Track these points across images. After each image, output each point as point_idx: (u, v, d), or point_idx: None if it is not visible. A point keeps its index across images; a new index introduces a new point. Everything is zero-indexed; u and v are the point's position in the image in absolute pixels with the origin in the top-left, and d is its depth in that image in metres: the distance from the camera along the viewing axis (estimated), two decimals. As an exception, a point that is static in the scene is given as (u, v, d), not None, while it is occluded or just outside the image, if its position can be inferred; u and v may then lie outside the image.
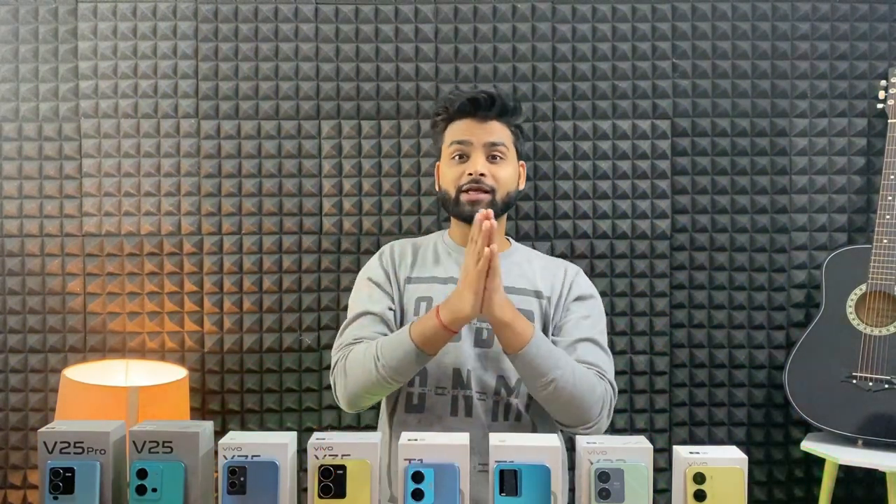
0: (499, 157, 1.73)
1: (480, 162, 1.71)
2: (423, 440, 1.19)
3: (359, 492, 1.17)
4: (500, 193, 1.72)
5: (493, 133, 1.73)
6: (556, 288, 1.76)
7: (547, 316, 1.73)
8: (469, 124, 1.73)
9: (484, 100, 1.72)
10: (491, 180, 1.71)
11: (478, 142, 1.72)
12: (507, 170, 1.74)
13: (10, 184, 2.50)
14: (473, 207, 1.68)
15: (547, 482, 1.16)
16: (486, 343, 1.70)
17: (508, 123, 1.76)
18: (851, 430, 2.25)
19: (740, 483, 1.16)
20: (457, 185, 1.72)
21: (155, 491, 1.17)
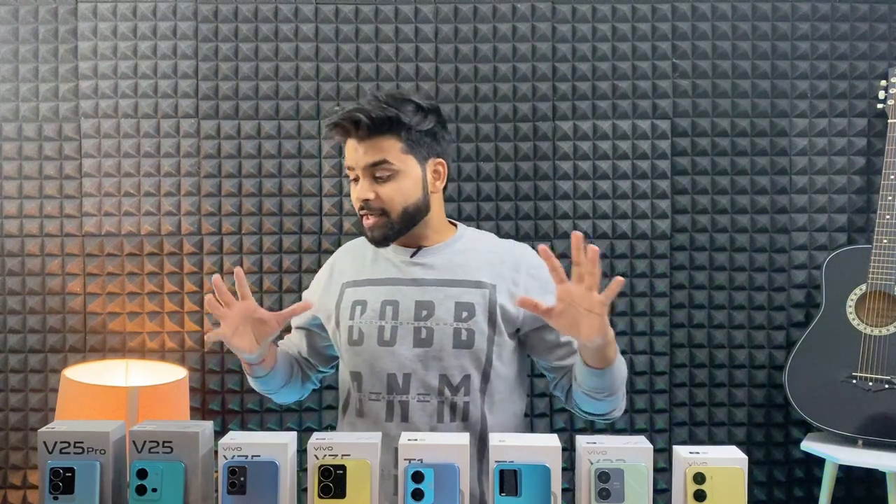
0: (384, 175, 1.63)
1: (365, 186, 1.64)
2: (424, 440, 1.19)
3: (359, 492, 1.17)
4: (395, 212, 1.64)
5: (374, 153, 1.62)
6: (504, 275, 1.68)
7: (493, 305, 1.65)
8: (352, 146, 1.65)
9: (350, 124, 1.61)
10: (377, 202, 1.64)
11: (358, 166, 1.64)
12: (397, 185, 1.64)
13: (10, 184, 2.50)
14: (372, 232, 1.66)
15: (547, 482, 1.16)
16: (425, 343, 1.64)
17: (394, 135, 1.63)
18: (851, 430, 2.25)
19: (740, 483, 1.16)
20: (356, 208, 1.69)
21: (155, 491, 1.17)
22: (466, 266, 1.70)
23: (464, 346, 1.64)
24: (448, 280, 1.68)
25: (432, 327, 1.64)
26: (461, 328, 1.64)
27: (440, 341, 1.63)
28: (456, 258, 1.71)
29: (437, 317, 1.65)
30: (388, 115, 1.62)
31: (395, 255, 1.73)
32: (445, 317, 1.64)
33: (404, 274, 1.70)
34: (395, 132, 1.63)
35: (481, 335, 1.64)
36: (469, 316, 1.65)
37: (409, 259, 1.71)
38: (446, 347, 1.63)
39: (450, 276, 1.68)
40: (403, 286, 1.68)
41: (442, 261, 1.70)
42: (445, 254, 1.71)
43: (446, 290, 1.66)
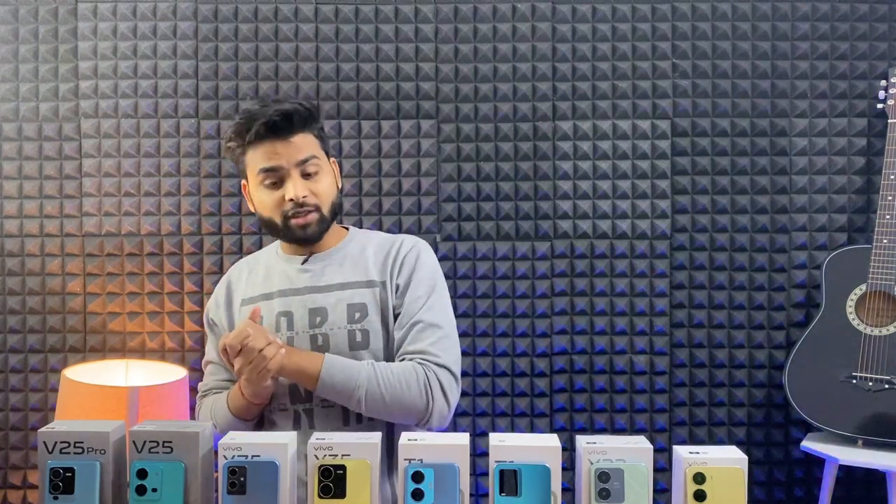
0: (313, 171, 1.64)
1: (299, 184, 1.62)
2: (424, 440, 1.19)
3: (359, 492, 1.17)
4: (326, 207, 1.65)
5: (301, 149, 1.63)
6: (388, 270, 1.68)
7: (384, 302, 1.66)
8: (272, 146, 1.62)
9: (280, 120, 1.61)
10: (313, 199, 1.63)
11: (287, 164, 1.62)
12: (326, 180, 1.66)
13: (10, 184, 2.50)
14: (305, 231, 1.64)
15: (547, 482, 1.16)
16: (322, 349, 1.64)
17: (312, 131, 1.66)
18: (851, 430, 2.25)
19: (740, 483, 1.16)
20: (280, 211, 1.64)
21: (155, 491, 1.17)
22: (356, 267, 1.69)
23: (360, 347, 1.63)
24: (339, 283, 1.67)
25: (327, 332, 1.64)
26: (355, 330, 1.64)
27: (336, 346, 1.63)
28: (346, 260, 1.70)
29: (331, 321, 1.64)
30: (307, 107, 1.65)
31: (288, 265, 1.71)
32: (339, 321, 1.64)
33: (296, 283, 1.69)
34: (311, 128, 1.66)
35: (375, 335, 1.64)
36: (362, 316, 1.64)
37: (301, 266, 1.70)
38: (343, 351, 1.63)
39: (340, 279, 1.67)
40: (296, 295, 1.68)
41: (332, 265, 1.69)
42: (335, 257, 1.71)
43: (338, 294, 1.66)
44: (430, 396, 1.58)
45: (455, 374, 1.63)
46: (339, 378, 1.56)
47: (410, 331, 1.64)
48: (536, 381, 2.51)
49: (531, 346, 2.51)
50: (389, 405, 1.57)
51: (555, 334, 2.51)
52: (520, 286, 2.51)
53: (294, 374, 1.58)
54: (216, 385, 1.74)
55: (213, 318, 1.77)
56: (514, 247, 2.51)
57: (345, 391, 1.56)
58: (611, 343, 2.52)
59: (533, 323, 2.51)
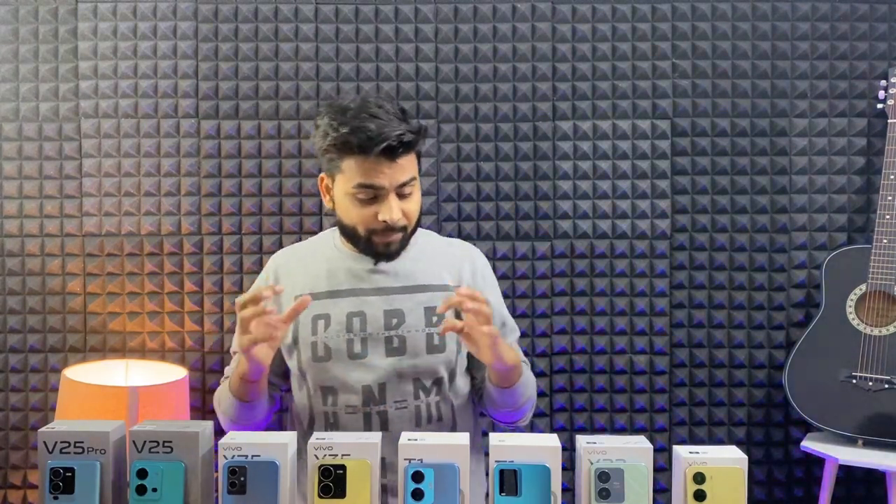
0: (409, 192, 1.61)
1: (395, 208, 1.58)
2: (423, 440, 1.19)
3: (359, 492, 1.17)
4: (412, 226, 1.66)
5: (405, 171, 1.59)
6: (465, 277, 1.71)
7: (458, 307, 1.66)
8: (379, 165, 1.55)
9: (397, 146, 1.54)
10: (404, 220, 1.61)
11: (390, 185, 1.57)
12: (416, 199, 1.65)
13: (10, 184, 2.50)
14: (388, 248, 1.63)
15: (547, 482, 1.16)
16: (398, 351, 1.64)
17: (415, 151, 1.63)
18: (851, 430, 2.25)
19: (740, 483, 1.16)
20: (367, 227, 1.61)
21: (155, 491, 1.17)
22: (428, 270, 1.69)
23: (437, 350, 1.65)
24: (414, 286, 1.67)
25: (404, 335, 1.64)
26: (433, 333, 1.65)
27: (413, 348, 1.63)
28: (417, 263, 1.70)
29: (409, 324, 1.64)
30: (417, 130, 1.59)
31: (357, 264, 1.69)
32: (416, 323, 1.65)
33: (368, 283, 1.67)
34: (415, 148, 1.62)
35: (451, 338, 1.66)
36: (440, 320, 1.65)
37: (373, 267, 1.68)
38: (420, 353, 1.63)
39: (415, 282, 1.67)
40: (368, 296, 1.66)
41: (404, 267, 1.68)
42: (405, 260, 1.69)
43: (414, 297, 1.66)
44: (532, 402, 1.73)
45: None
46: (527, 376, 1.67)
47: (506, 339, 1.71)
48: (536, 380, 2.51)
49: (531, 346, 2.51)
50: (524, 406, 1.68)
51: (555, 334, 2.51)
52: (520, 286, 2.51)
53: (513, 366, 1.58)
54: None
55: None
56: (514, 247, 2.51)
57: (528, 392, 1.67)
58: (611, 343, 2.52)
59: (533, 323, 2.51)
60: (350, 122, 1.56)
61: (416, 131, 1.58)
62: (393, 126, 1.55)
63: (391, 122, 1.56)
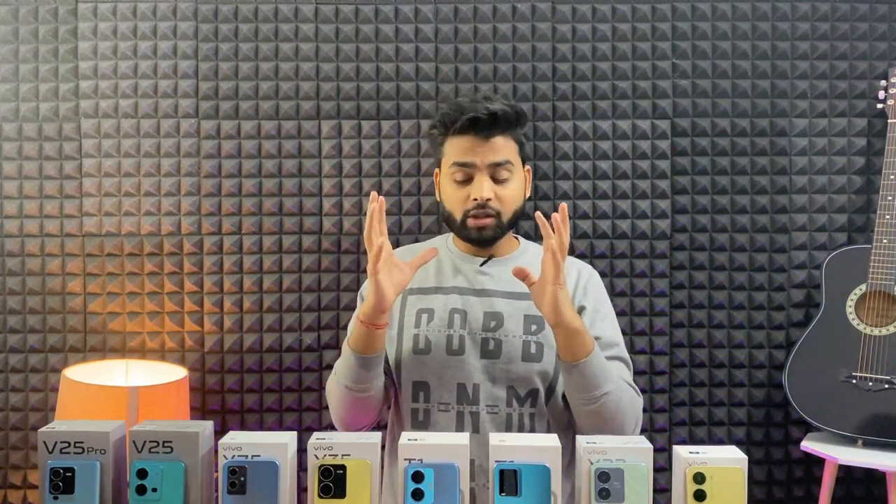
0: (504, 175, 1.63)
1: (486, 186, 1.60)
2: (423, 440, 1.19)
3: (359, 492, 1.17)
4: (506, 214, 1.65)
5: (498, 152, 1.61)
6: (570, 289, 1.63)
7: None
8: (471, 142, 1.61)
9: (486, 118, 1.59)
10: (496, 203, 1.62)
11: (481, 163, 1.61)
12: (513, 187, 1.65)
13: (10, 184, 2.50)
14: (481, 233, 1.63)
15: (547, 482, 1.16)
16: (493, 354, 1.62)
17: (513, 136, 1.65)
18: (851, 430, 2.25)
19: (740, 483, 1.16)
20: (462, 208, 1.63)
21: (155, 491, 1.17)
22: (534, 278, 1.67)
23: (532, 359, 1.62)
24: (517, 292, 1.65)
25: (500, 339, 1.62)
26: (531, 341, 1.62)
27: (508, 353, 1.62)
28: None
29: (507, 328, 1.63)
30: (516, 113, 1.62)
31: (464, 264, 1.69)
32: (515, 329, 1.63)
33: (473, 283, 1.67)
34: (513, 132, 1.64)
35: (550, 349, 1.62)
36: (539, 329, 1.63)
37: (479, 268, 1.68)
38: (515, 359, 1.61)
39: (518, 288, 1.63)
40: (471, 296, 1.66)
41: (509, 273, 1.63)
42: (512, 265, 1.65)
43: (515, 303, 1.64)
44: (637, 425, 1.58)
45: None
46: (601, 362, 1.50)
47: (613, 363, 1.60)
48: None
49: (531, 346, 2.51)
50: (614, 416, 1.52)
51: (555, 334, 2.51)
52: (520, 286, 2.51)
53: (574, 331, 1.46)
54: None
55: None
56: (514, 247, 2.50)
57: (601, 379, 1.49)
58: (611, 343, 2.52)
59: (533, 323, 2.51)
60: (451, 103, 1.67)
61: (506, 111, 1.60)
62: (483, 104, 1.60)
63: (482, 102, 1.61)
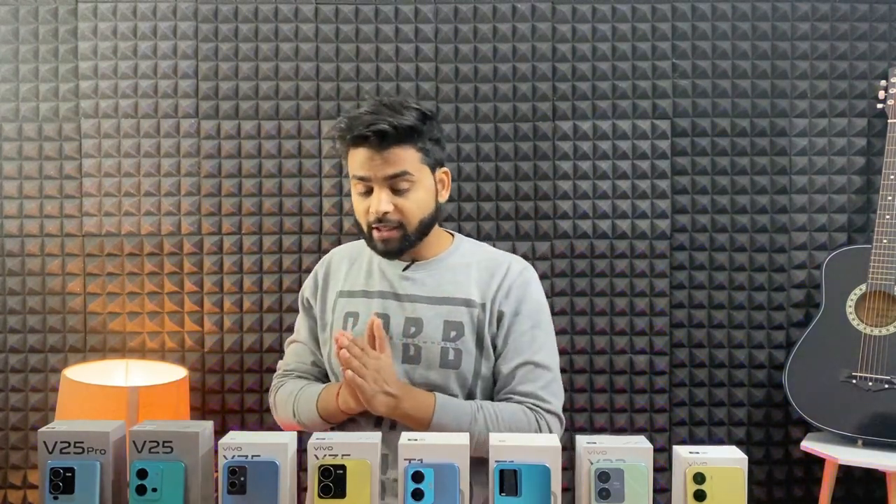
0: (404, 186, 1.59)
1: (384, 199, 1.58)
2: (423, 440, 1.19)
3: (359, 492, 1.17)
4: (411, 225, 1.61)
5: (394, 164, 1.57)
6: (491, 293, 1.64)
7: (480, 324, 1.63)
8: (368, 155, 1.58)
9: (373, 135, 1.55)
10: (396, 215, 1.59)
11: (377, 176, 1.58)
12: (416, 197, 1.60)
13: (10, 184, 2.50)
14: (386, 245, 1.62)
15: (547, 482, 1.16)
16: (413, 360, 1.63)
17: (412, 146, 1.60)
18: (851, 430, 2.25)
19: (740, 483, 1.16)
20: (365, 220, 1.62)
21: (155, 491, 1.17)
22: (456, 283, 1.66)
23: (450, 365, 1.61)
24: (437, 298, 1.64)
25: (420, 345, 1.62)
26: (449, 347, 1.62)
27: (427, 359, 1.62)
28: (447, 274, 1.67)
29: (426, 334, 1.62)
30: (410, 124, 1.58)
31: (389, 268, 1.69)
32: (433, 335, 1.62)
33: (396, 288, 1.67)
34: (413, 142, 1.60)
35: (468, 355, 1.62)
36: (458, 335, 1.62)
37: (401, 273, 1.68)
38: (433, 366, 1.61)
39: (439, 294, 1.64)
40: (393, 300, 1.66)
41: (432, 277, 1.66)
42: (437, 269, 1.68)
43: (436, 308, 1.64)
44: None
45: (562, 420, 1.64)
46: (451, 426, 1.54)
47: (519, 370, 1.61)
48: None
49: (531, 346, 2.51)
50: None
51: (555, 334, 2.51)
52: (520, 286, 2.51)
53: (403, 419, 1.57)
54: (300, 368, 1.72)
55: (309, 298, 1.75)
56: (514, 247, 2.51)
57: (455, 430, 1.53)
58: (611, 343, 2.52)
59: (533, 323, 2.51)
60: (349, 114, 1.65)
61: (397, 125, 1.56)
62: (379, 117, 1.57)
63: (381, 113, 1.58)
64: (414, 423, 1.55)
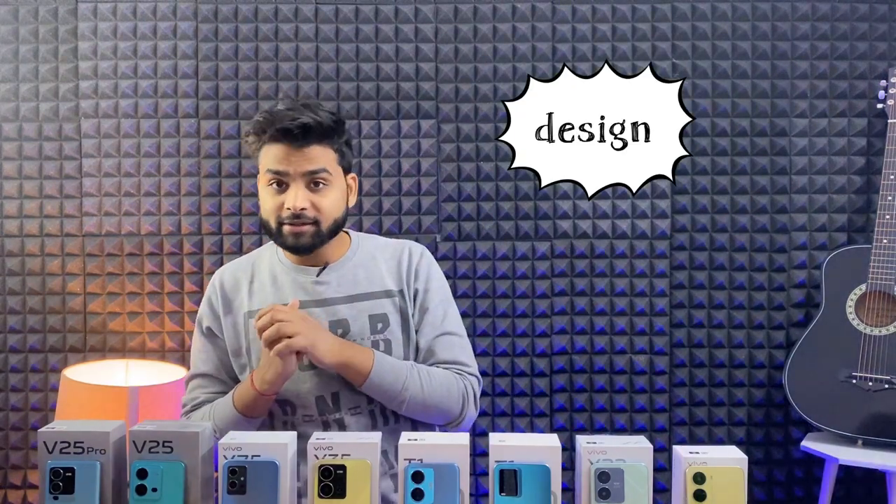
0: (321, 184, 1.60)
1: (301, 195, 1.58)
2: (424, 440, 1.19)
3: (359, 492, 1.17)
4: (325, 223, 1.61)
5: (313, 161, 1.58)
6: (403, 278, 1.68)
7: (404, 311, 1.66)
8: (285, 151, 1.58)
9: (297, 128, 1.56)
10: (313, 211, 1.59)
11: (295, 172, 1.58)
12: (331, 196, 1.61)
13: (10, 184, 2.50)
14: (298, 240, 1.60)
15: (547, 482, 1.16)
16: None
17: (331, 145, 1.61)
18: (851, 430, 2.25)
19: (740, 483, 1.16)
20: (276, 215, 1.61)
21: (155, 491, 1.17)
22: (371, 277, 1.67)
23: None
24: (356, 295, 1.65)
25: None
26: (378, 340, 1.63)
27: None
28: (359, 271, 1.68)
29: (353, 333, 1.63)
30: (330, 123, 1.60)
31: (300, 276, 1.67)
32: (361, 332, 1.63)
33: (312, 295, 1.65)
34: (331, 142, 1.61)
35: (397, 343, 1.64)
36: (384, 327, 1.64)
37: (315, 279, 1.66)
38: None
39: (357, 291, 1.65)
40: (313, 307, 1.64)
41: (348, 276, 1.66)
42: (348, 267, 1.68)
43: (358, 305, 1.64)
44: (465, 404, 1.63)
45: (480, 380, 1.70)
46: (388, 378, 1.57)
47: (437, 341, 1.66)
48: (536, 380, 2.51)
49: (531, 345, 2.51)
50: (429, 408, 1.60)
51: (555, 334, 2.51)
52: (520, 286, 2.51)
53: (343, 368, 1.56)
54: (207, 398, 1.67)
55: (211, 327, 1.69)
56: (514, 247, 2.51)
57: (391, 391, 1.57)
58: (611, 343, 2.52)
59: (533, 323, 2.51)
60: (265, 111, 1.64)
61: (321, 122, 1.58)
62: (296, 113, 1.58)
63: (298, 110, 1.59)
64: (353, 374, 1.56)
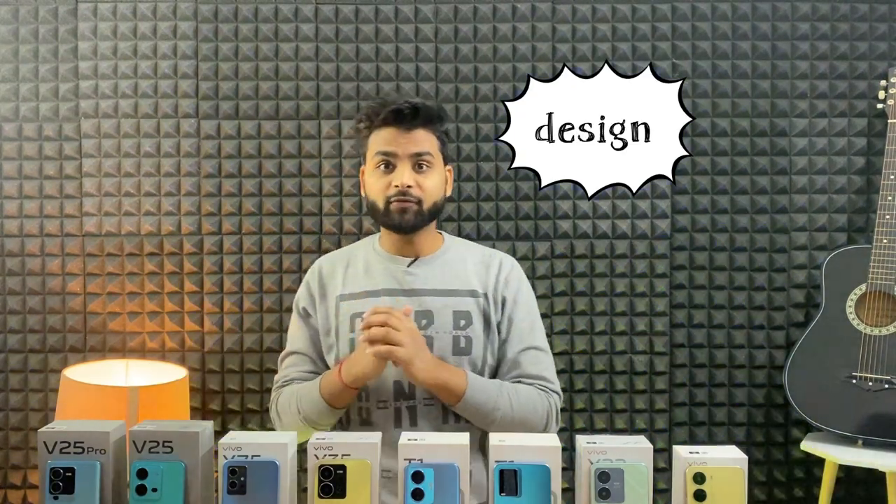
0: (425, 166, 1.70)
1: (407, 173, 1.68)
2: (424, 440, 1.19)
3: (359, 492, 1.17)
4: (427, 203, 1.70)
5: (419, 143, 1.69)
6: (490, 284, 1.74)
7: (486, 313, 1.72)
8: (393, 134, 1.69)
9: (407, 110, 1.68)
10: (417, 191, 1.68)
11: (403, 152, 1.68)
12: (434, 179, 1.71)
13: (10, 184, 2.50)
14: (402, 217, 1.68)
15: (547, 482, 1.16)
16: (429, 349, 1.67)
17: (434, 131, 1.73)
18: (851, 430, 2.25)
19: (740, 483, 1.16)
20: (384, 195, 1.69)
21: (155, 491, 1.17)
22: (458, 275, 1.74)
23: (462, 353, 1.68)
24: (445, 289, 1.72)
25: (432, 335, 1.67)
26: (460, 336, 1.68)
27: (440, 349, 1.67)
28: (448, 268, 1.75)
29: (437, 325, 1.68)
30: (435, 109, 1.73)
31: (393, 265, 1.74)
32: (445, 325, 1.69)
33: (402, 284, 1.72)
34: (434, 128, 1.72)
35: (478, 342, 1.69)
36: (467, 324, 1.69)
37: (407, 269, 1.73)
38: (446, 355, 1.67)
39: (445, 286, 1.72)
40: (401, 296, 1.71)
41: (437, 271, 1.74)
42: (438, 263, 1.75)
43: (444, 300, 1.70)
44: (549, 420, 1.68)
45: (562, 397, 1.74)
46: (480, 399, 1.61)
47: (523, 355, 1.71)
48: (536, 381, 2.51)
49: (531, 346, 2.51)
50: (515, 426, 1.63)
51: (555, 334, 2.51)
52: (520, 286, 2.51)
53: (437, 389, 1.61)
54: (299, 376, 1.74)
55: (307, 307, 1.77)
56: (514, 247, 2.51)
57: (483, 410, 1.62)
58: (611, 343, 2.52)
59: (533, 323, 2.51)
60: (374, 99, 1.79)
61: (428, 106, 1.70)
62: (404, 98, 1.72)
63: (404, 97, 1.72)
64: (447, 394, 1.61)
